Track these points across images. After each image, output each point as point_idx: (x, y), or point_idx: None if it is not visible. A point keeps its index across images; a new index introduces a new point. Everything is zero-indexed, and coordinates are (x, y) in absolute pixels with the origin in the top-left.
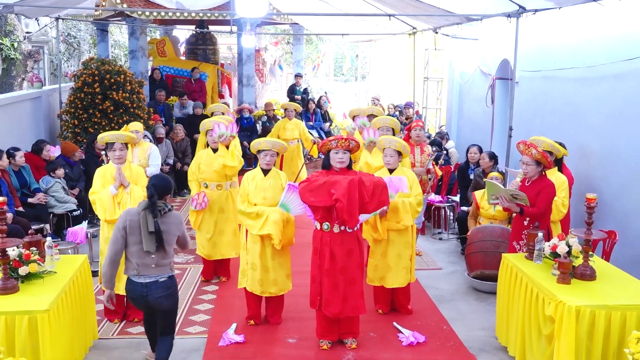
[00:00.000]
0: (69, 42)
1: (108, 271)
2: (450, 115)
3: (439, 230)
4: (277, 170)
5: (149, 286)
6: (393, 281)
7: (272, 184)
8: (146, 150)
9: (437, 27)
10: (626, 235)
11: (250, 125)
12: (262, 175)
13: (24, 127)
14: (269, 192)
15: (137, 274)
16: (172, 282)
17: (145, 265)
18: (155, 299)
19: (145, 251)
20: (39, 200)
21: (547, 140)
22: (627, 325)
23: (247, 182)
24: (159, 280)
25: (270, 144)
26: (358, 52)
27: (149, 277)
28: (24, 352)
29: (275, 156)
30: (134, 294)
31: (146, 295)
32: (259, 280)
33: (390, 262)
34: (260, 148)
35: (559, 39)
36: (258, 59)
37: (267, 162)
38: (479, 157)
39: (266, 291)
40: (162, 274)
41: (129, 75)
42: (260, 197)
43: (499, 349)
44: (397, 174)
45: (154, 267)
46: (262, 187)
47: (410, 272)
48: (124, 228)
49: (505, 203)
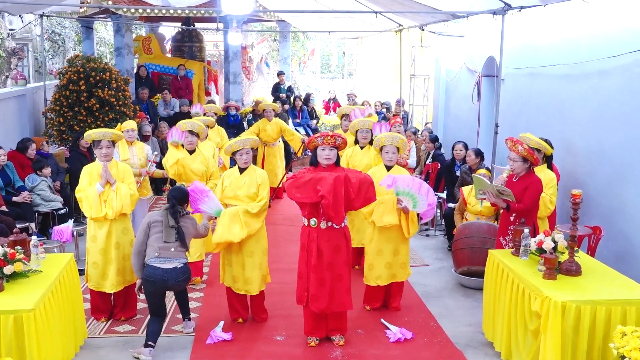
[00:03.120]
0: (53, 40)
1: (136, 262)
2: (436, 112)
3: (426, 227)
4: (255, 168)
5: (168, 271)
6: (391, 278)
7: (247, 181)
8: (143, 150)
9: (423, 24)
10: (611, 231)
11: (237, 122)
12: (239, 173)
13: (8, 125)
14: (242, 189)
15: (158, 256)
16: (187, 267)
17: (165, 249)
18: (176, 282)
19: (164, 242)
20: (23, 199)
21: (534, 138)
22: (612, 320)
23: (224, 180)
24: (177, 266)
25: (241, 143)
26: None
27: (169, 262)
28: (10, 351)
29: (251, 152)
30: (155, 277)
31: (167, 279)
32: (234, 277)
33: (389, 259)
34: (234, 150)
35: (545, 36)
36: (245, 57)
37: (245, 160)
38: (464, 154)
39: (241, 289)
40: (179, 260)
41: (115, 72)
42: (232, 194)
43: (485, 344)
44: (394, 172)
45: (173, 251)
46: (236, 184)
47: (408, 267)
48: (148, 225)
49: (492, 198)
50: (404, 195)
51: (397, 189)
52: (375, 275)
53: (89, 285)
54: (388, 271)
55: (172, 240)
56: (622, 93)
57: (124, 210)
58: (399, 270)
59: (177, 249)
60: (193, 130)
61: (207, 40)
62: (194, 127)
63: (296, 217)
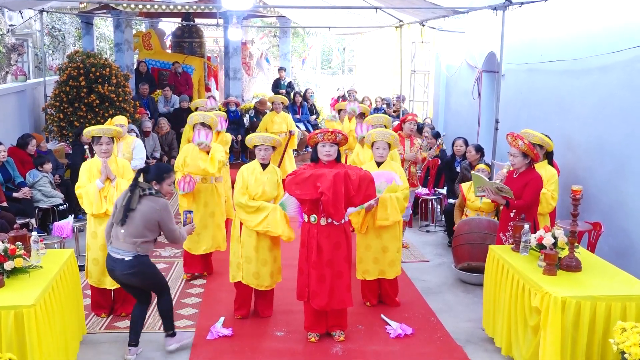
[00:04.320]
0: (53, 35)
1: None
2: (437, 108)
3: (426, 223)
4: (274, 167)
5: (116, 261)
6: (379, 273)
7: (269, 178)
8: (130, 144)
9: (423, 19)
10: (611, 227)
11: (236, 118)
12: (261, 169)
13: (9, 121)
14: (267, 186)
15: (110, 244)
16: (137, 261)
17: (116, 237)
18: (122, 274)
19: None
20: (24, 194)
21: (537, 133)
22: (612, 316)
23: (247, 175)
24: (124, 259)
25: (261, 139)
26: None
27: (117, 253)
28: (10, 347)
29: (270, 150)
30: (107, 265)
31: (114, 269)
32: (255, 273)
33: (377, 255)
34: (254, 144)
35: (545, 31)
36: (245, 52)
37: (263, 156)
38: (464, 149)
39: (262, 284)
40: (128, 252)
41: (115, 68)
42: (260, 190)
43: (485, 340)
44: (386, 168)
45: (122, 242)
46: (260, 180)
47: (398, 265)
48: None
49: (491, 195)
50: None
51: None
52: (362, 269)
53: (89, 281)
54: (375, 266)
55: (117, 221)
56: (623, 89)
57: None
58: (387, 268)
59: (128, 239)
60: (205, 123)
61: (207, 36)
62: (205, 119)
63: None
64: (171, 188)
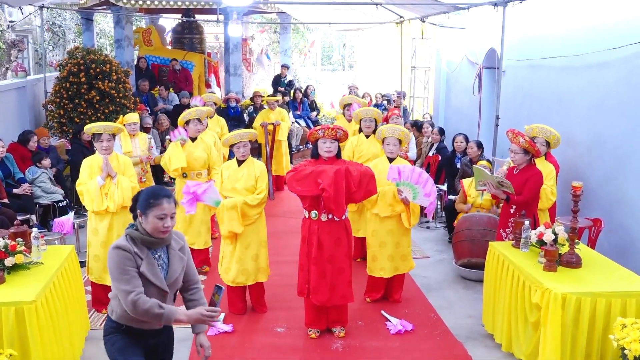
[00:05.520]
0: (53, 31)
1: None
2: (437, 104)
3: (427, 219)
4: (253, 160)
5: None
6: (394, 270)
7: (245, 174)
8: (145, 140)
9: (424, 16)
10: (612, 223)
11: (237, 114)
12: (237, 166)
13: (9, 117)
14: (240, 182)
15: None
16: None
17: None
18: None
19: None
20: (24, 191)
21: (549, 128)
22: (612, 312)
23: (222, 172)
24: None
25: (238, 136)
26: (345, 41)
27: None
28: (12, 343)
29: (248, 146)
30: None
31: None
32: (242, 270)
33: (392, 252)
34: (231, 143)
35: (545, 28)
36: (245, 48)
37: (242, 154)
38: (465, 146)
39: (250, 279)
40: None
41: (115, 64)
42: (230, 187)
43: (485, 336)
44: (397, 164)
45: None
46: (234, 177)
47: (410, 259)
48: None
49: (492, 189)
50: (404, 185)
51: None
52: (379, 267)
53: (90, 278)
54: (391, 263)
55: None
56: (623, 85)
57: (126, 203)
58: (401, 263)
59: None
60: (199, 118)
61: (207, 32)
62: (200, 115)
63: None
64: (161, 224)
